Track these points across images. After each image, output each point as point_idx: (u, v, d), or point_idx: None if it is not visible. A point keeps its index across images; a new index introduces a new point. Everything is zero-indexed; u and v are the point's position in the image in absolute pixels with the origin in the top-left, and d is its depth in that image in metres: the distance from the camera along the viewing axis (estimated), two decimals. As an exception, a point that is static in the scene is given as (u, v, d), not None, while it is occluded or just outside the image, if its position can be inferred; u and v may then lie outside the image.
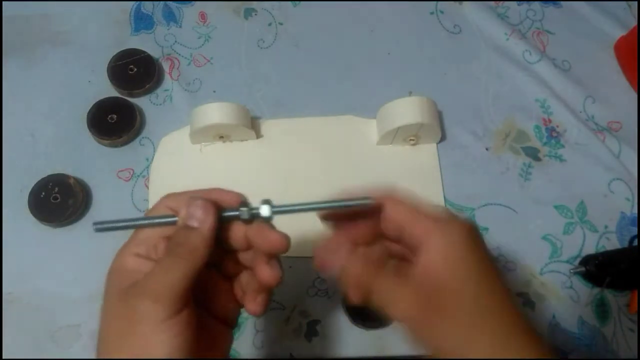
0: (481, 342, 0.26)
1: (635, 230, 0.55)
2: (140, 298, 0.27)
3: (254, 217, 0.31)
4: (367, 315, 0.50)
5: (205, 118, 0.53)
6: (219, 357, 0.31)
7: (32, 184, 0.53)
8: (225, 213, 0.31)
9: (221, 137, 0.56)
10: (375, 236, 0.32)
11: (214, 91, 0.60)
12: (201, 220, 0.29)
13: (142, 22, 0.63)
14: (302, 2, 0.65)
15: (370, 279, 0.29)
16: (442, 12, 0.65)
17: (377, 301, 0.29)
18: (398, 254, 0.32)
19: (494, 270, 0.28)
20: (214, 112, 0.53)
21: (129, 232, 0.32)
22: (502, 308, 0.27)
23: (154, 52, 0.61)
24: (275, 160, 0.57)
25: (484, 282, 0.28)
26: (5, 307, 0.50)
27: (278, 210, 0.31)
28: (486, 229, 0.55)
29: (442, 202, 0.55)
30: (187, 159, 0.56)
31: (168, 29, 0.63)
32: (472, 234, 0.28)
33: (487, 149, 0.58)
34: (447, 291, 0.27)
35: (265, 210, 0.31)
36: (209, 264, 0.30)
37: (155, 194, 0.54)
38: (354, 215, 0.32)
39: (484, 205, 0.56)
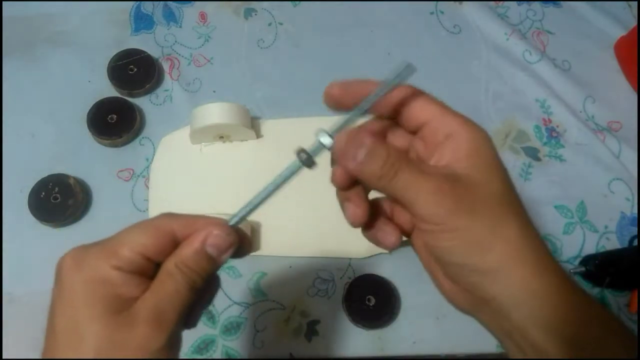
0: (510, 228, 0.26)
1: (635, 230, 0.55)
2: (144, 318, 0.25)
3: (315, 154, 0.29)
4: (367, 315, 0.50)
5: (205, 118, 0.53)
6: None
7: (32, 184, 0.53)
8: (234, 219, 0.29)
9: (221, 137, 0.56)
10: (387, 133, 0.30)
11: (214, 91, 0.60)
12: (222, 252, 0.28)
13: (142, 22, 0.63)
14: (302, 2, 0.65)
15: (398, 165, 0.27)
16: (442, 12, 0.65)
17: (400, 193, 0.27)
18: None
19: (511, 184, 0.28)
20: (214, 112, 0.53)
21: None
22: (522, 205, 0.27)
23: (154, 52, 0.61)
24: (275, 160, 0.57)
25: (508, 180, 0.27)
26: (5, 307, 0.50)
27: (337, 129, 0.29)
28: (486, 229, 0.55)
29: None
30: (187, 159, 0.56)
31: (168, 29, 0.63)
32: (492, 140, 0.28)
33: (487, 149, 0.58)
34: (476, 182, 0.26)
35: (325, 139, 0.29)
36: None
37: (155, 194, 0.54)
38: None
39: (484, 205, 0.56)
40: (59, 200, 0.52)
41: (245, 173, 0.56)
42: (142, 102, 0.59)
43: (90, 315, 0.25)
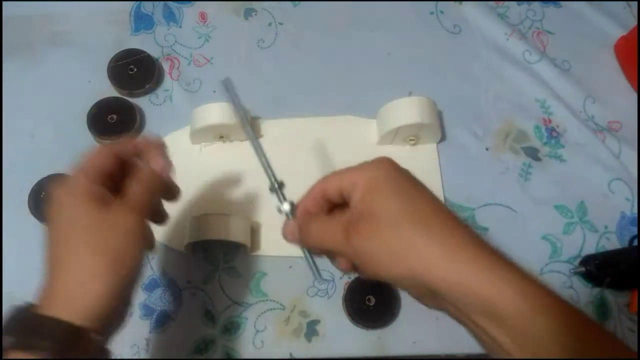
0: (416, 235, 0.30)
1: (635, 230, 0.55)
2: (119, 203, 0.34)
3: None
4: (367, 315, 0.50)
5: (205, 118, 0.53)
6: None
7: (32, 184, 0.53)
8: None
9: (221, 137, 0.56)
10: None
11: (214, 91, 0.60)
12: (163, 168, 0.38)
13: (142, 22, 0.63)
14: (302, 2, 0.65)
15: (306, 221, 0.35)
16: (442, 12, 0.65)
17: (317, 240, 0.34)
18: None
19: (420, 188, 0.33)
20: (214, 112, 0.53)
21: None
22: (431, 215, 0.31)
23: (154, 52, 0.61)
24: (275, 160, 0.57)
25: (410, 198, 0.31)
26: (5, 307, 0.50)
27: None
28: (486, 229, 0.55)
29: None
30: (188, 159, 0.56)
31: (168, 29, 0.63)
32: (394, 166, 0.33)
33: (487, 149, 0.58)
34: (373, 213, 0.31)
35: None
36: None
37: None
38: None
39: (483, 205, 0.56)
40: (59, 200, 0.52)
41: (245, 173, 0.56)
42: (142, 102, 0.59)
43: (79, 209, 0.33)
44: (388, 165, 0.33)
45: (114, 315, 0.33)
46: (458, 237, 0.30)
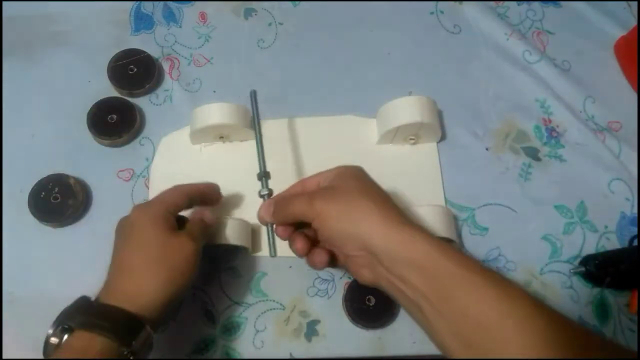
0: (364, 203, 0.38)
1: (635, 230, 0.55)
2: (189, 239, 0.43)
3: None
4: (367, 315, 0.50)
5: (205, 118, 0.53)
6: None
7: (32, 184, 0.53)
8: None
9: (221, 137, 0.56)
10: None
11: (214, 91, 0.60)
12: (212, 222, 0.48)
13: (142, 22, 0.63)
14: (302, 2, 0.65)
15: (280, 197, 0.45)
16: (442, 12, 0.65)
17: (287, 210, 0.42)
18: None
19: (376, 183, 0.42)
20: (214, 113, 0.53)
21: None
22: (380, 195, 0.40)
23: (154, 52, 0.61)
24: (275, 160, 0.57)
25: (368, 187, 0.41)
26: (5, 307, 0.50)
27: None
28: (486, 229, 0.55)
29: (442, 202, 0.55)
30: (188, 160, 0.56)
31: (168, 29, 0.63)
32: (362, 169, 0.42)
33: (487, 149, 0.58)
34: (337, 185, 0.41)
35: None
36: None
37: (155, 193, 0.54)
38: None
39: (483, 205, 0.56)
40: (59, 200, 0.52)
41: (245, 173, 0.55)
42: (142, 102, 0.59)
43: (155, 230, 0.42)
44: (356, 167, 0.43)
45: (163, 317, 0.40)
46: (395, 213, 0.38)
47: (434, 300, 0.35)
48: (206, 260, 0.52)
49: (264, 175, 0.46)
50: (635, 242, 0.54)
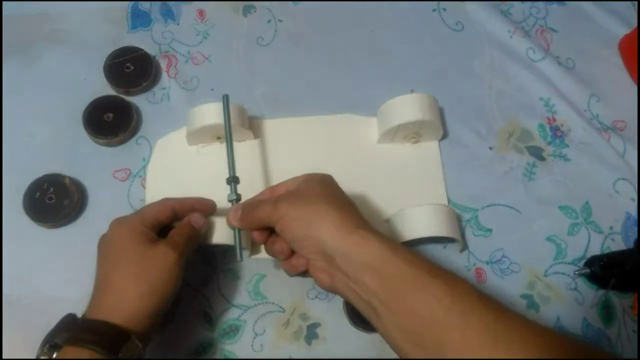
0: (325, 209, 0.40)
1: (640, 231, 0.54)
2: (167, 248, 0.42)
3: None
4: (368, 318, 0.49)
5: (201, 119, 0.52)
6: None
7: (27, 184, 0.52)
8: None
9: (218, 138, 0.55)
10: None
11: (212, 89, 0.59)
12: (200, 226, 0.47)
13: (139, 19, 0.62)
14: (302, 0, 0.65)
15: (247, 203, 0.45)
16: (444, 9, 0.65)
17: (253, 215, 0.43)
18: None
19: (342, 191, 0.43)
20: (211, 113, 0.52)
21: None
22: (342, 202, 0.41)
23: (151, 49, 0.60)
24: (274, 160, 0.56)
25: (331, 192, 0.42)
26: (5, 308, 0.49)
27: None
28: (490, 230, 0.54)
29: (445, 200, 0.54)
30: (184, 160, 0.55)
31: (165, 26, 0.62)
32: (329, 177, 0.44)
33: (490, 148, 0.58)
34: (301, 190, 0.42)
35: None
36: None
37: (152, 196, 0.53)
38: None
39: (487, 206, 0.55)
40: (54, 200, 0.51)
41: (242, 174, 0.54)
42: (138, 100, 0.58)
43: (132, 244, 0.42)
44: (324, 174, 0.44)
45: (150, 328, 0.41)
46: (353, 217, 0.40)
47: (386, 300, 0.36)
48: (204, 263, 0.51)
49: (232, 180, 0.46)
50: (641, 243, 0.53)
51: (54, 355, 0.37)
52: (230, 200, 0.46)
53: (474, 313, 0.33)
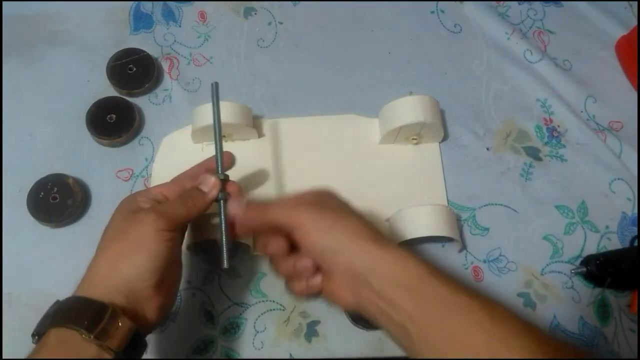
0: (347, 220, 0.38)
1: (636, 231, 0.55)
2: (149, 212, 0.39)
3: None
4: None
5: (207, 117, 0.53)
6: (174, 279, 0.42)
7: (31, 184, 0.53)
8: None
9: (223, 136, 0.56)
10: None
11: (214, 90, 0.60)
12: (210, 189, 0.43)
13: (141, 21, 0.63)
14: (302, 2, 0.65)
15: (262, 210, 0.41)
16: (442, 11, 0.65)
17: (269, 209, 0.40)
18: None
19: (348, 205, 0.40)
20: None
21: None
22: (358, 214, 0.39)
23: (153, 51, 0.61)
24: (277, 159, 0.57)
25: (344, 205, 0.40)
26: (5, 308, 0.50)
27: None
28: (487, 229, 0.55)
29: (445, 201, 0.55)
30: (189, 158, 0.55)
31: (167, 29, 0.63)
32: (328, 192, 0.41)
33: (488, 149, 0.58)
34: (321, 202, 0.40)
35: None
36: None
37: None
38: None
39: (484, 206, 0.55)
40: (58, 200, 0.52)
41: (246, 172, 0.55)
42: (141, 101, 0.59)
43: (117, 214, 0.41)
44: (329, 189, 0.41)
45: (132, 299, 0.37)
46: (380, 233, 0.38)
47: (421, 323, 0.34)
48: (206, 261, 0.52)
49: (222, 179, 0.44)
50: (637, 243, 0.54)
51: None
52: (218, 200, 0.43)
53: (519, 339, 0.31)
